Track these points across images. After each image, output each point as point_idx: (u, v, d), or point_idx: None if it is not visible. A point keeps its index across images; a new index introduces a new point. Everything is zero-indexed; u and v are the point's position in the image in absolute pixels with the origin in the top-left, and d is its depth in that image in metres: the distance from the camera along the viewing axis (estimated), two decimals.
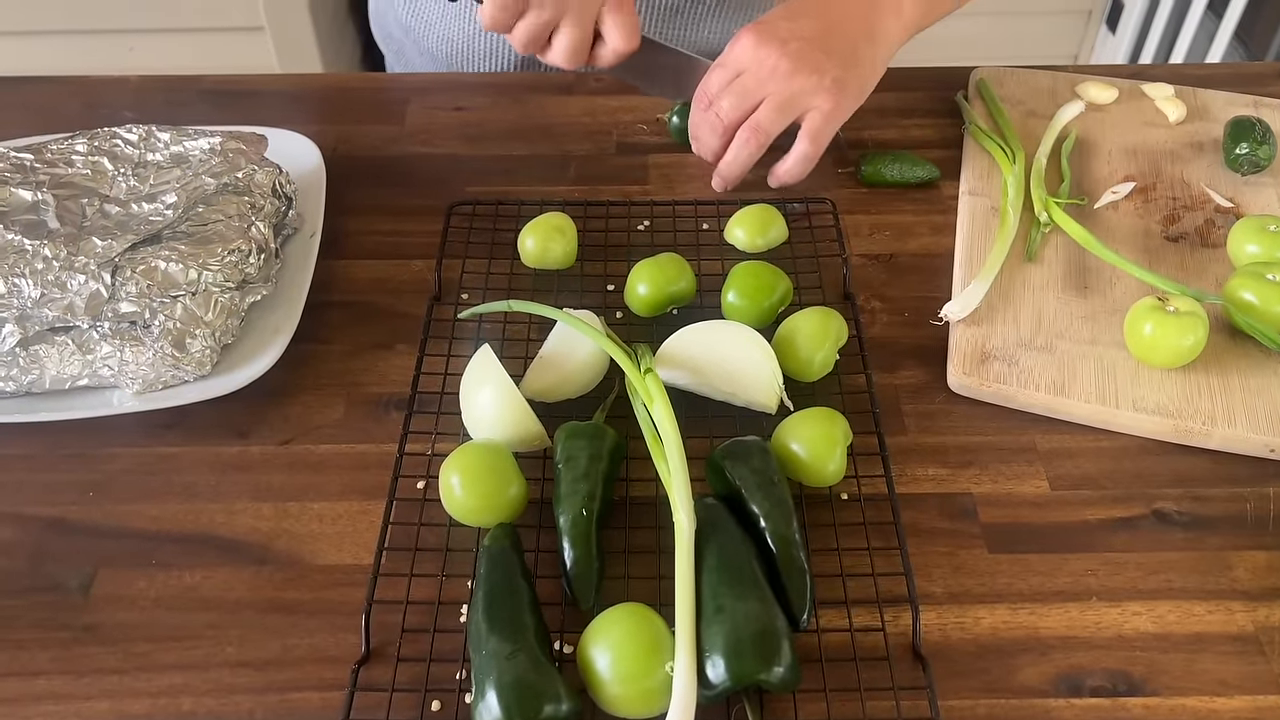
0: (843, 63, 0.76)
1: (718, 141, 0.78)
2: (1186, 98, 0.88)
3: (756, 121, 0.76)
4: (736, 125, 0.77)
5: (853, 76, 0.77)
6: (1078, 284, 0.74)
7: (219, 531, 0.62)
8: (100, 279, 0.65)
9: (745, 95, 0.76)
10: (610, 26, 0.78)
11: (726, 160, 0.79)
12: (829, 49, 0.76)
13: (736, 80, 0.77)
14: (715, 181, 0.81)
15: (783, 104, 0.76)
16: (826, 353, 0.67)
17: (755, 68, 0.76)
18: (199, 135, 0.75)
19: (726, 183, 0.80)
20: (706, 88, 0.78)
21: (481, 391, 0.64)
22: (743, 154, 0.77)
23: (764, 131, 0.76)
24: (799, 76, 0.75)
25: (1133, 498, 0.64)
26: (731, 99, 0.77)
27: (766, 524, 0.57)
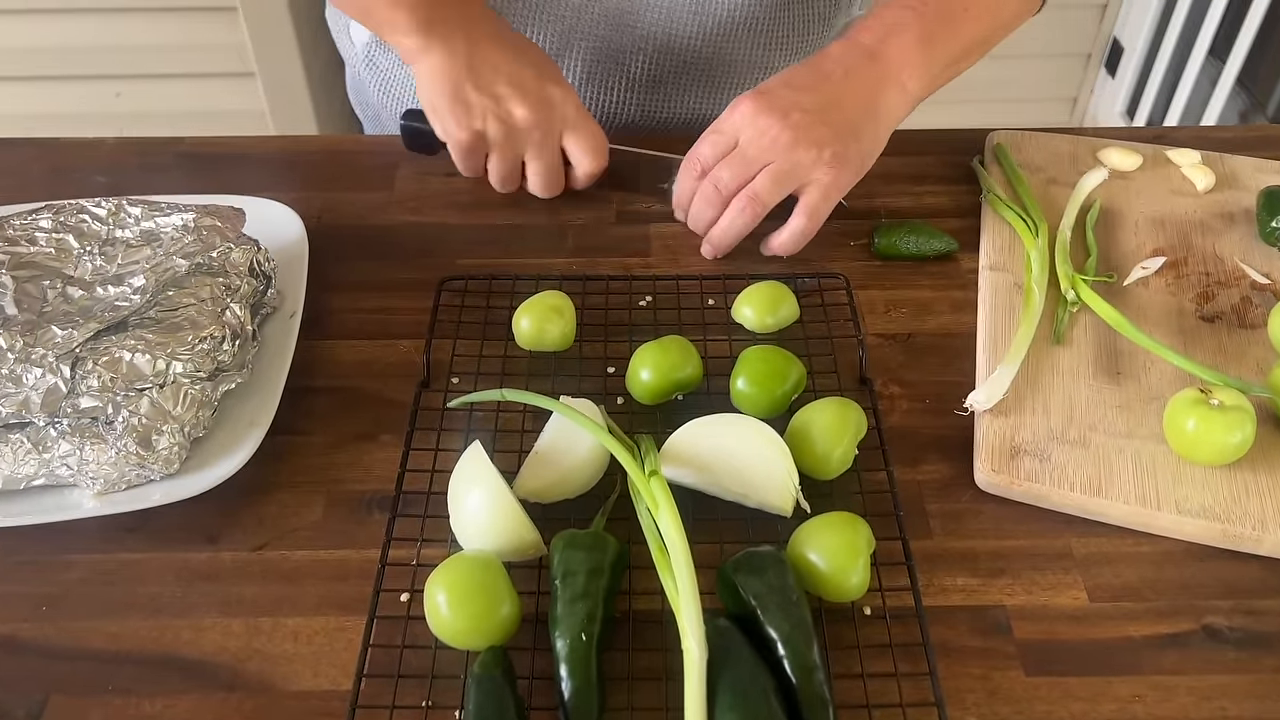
0: (843, 137, 0.74)
1: (713, 212, 0.76)
2: (1214, 164, 0.84)
3: (754, 191, 0.74)
4: (733, 196, 0.75)
5: (853, 151, 0.75)
6: (1109, 369, 0.69)
7: (184, 651, 0.57)
8: (59, 372, 0.60)
9: (745, 165, 0.74)
10: (575, 151, 0.80)
11: (720, 228, 0.77)
12: (830, 122, 0.74)
13: (736, 150, 0.75)
14: (705, 249, 0.79)
15: (782, 176, 0.74)
16: (845, 448, 0.62)
17: (755, 137, 0.74)
18: (172, 210, 0.70)
19: (717, 251, 0.79)
20: (699, 156, 0.76)
21: (471, 494, 0.59)
22: (738, 223, 0.76)
23: (761, 202, 0.74)
24: (799, 149, 0.73)
25: (1180, 611, 0.59)
26: (732, 169, 0.74)
27: (785, 650, 0.52)
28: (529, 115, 0.77)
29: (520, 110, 0.77)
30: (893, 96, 0.76)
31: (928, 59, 0.77)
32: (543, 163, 0.79)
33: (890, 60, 0.76)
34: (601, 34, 0.90)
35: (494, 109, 0.77)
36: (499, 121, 0.77)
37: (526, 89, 0.77)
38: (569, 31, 0.90)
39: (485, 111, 0.77)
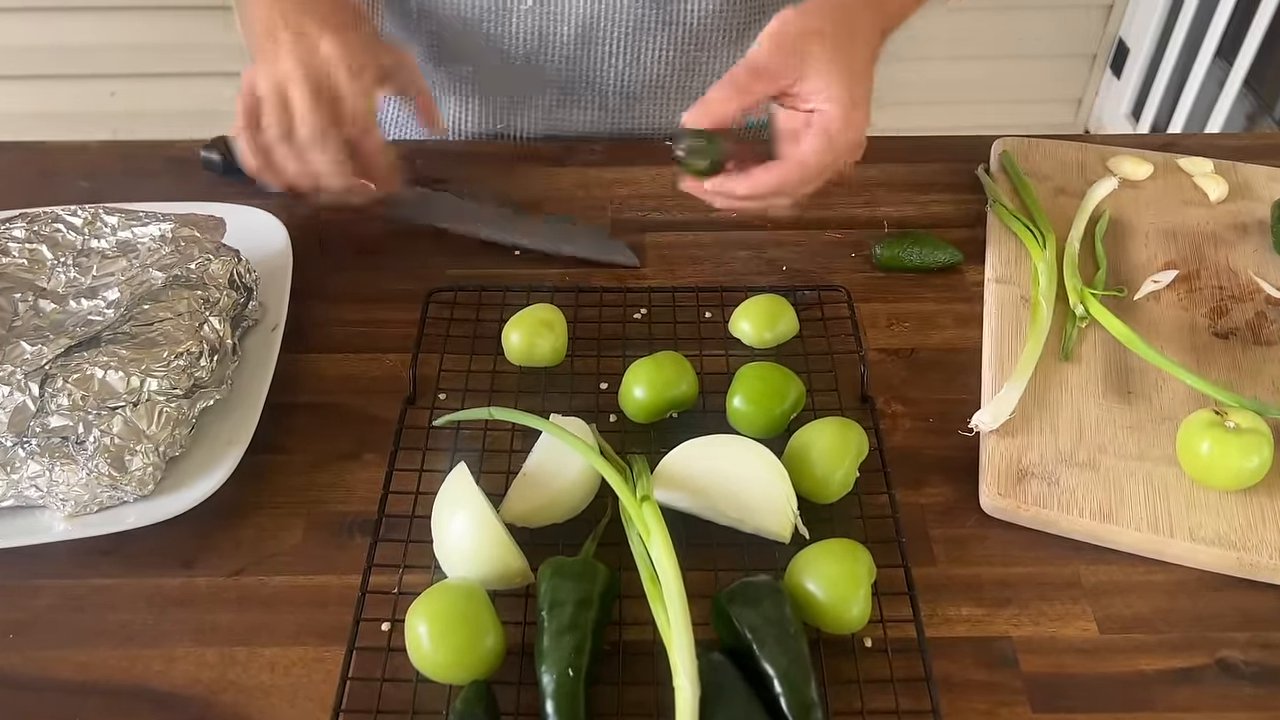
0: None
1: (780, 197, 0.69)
2: (1226, 173, 0.82)
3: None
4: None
5: None
6: (1120, 387, 0.67)
7: (155, 683, 0.55)
8: (27, 390, 0.58)
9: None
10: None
11: (749, 199, 0.68)
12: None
13: (831, 160, 0.67)
14: (720, 200, 0.69)
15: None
16: (846, 471, 0.60)
17: (847, 150, 0.67)
18: (149, 220, 0.68)
19: (733, 206, 0.70)
20: (808, 169, 0.66)
21: (456, 519, 0.56)
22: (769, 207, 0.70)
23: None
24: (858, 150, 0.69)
25: (1193, 644, 0.56)
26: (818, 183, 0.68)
27: (782, 686, 0.50)
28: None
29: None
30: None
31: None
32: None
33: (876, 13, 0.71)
34: (569, 53, 0.88)
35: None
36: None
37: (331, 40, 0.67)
38: (536, 52, 0.88)
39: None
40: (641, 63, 0.88)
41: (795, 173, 0.66)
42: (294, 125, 0.66)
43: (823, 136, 0.66)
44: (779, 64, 0.65)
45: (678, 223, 0.81)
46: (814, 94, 0.65)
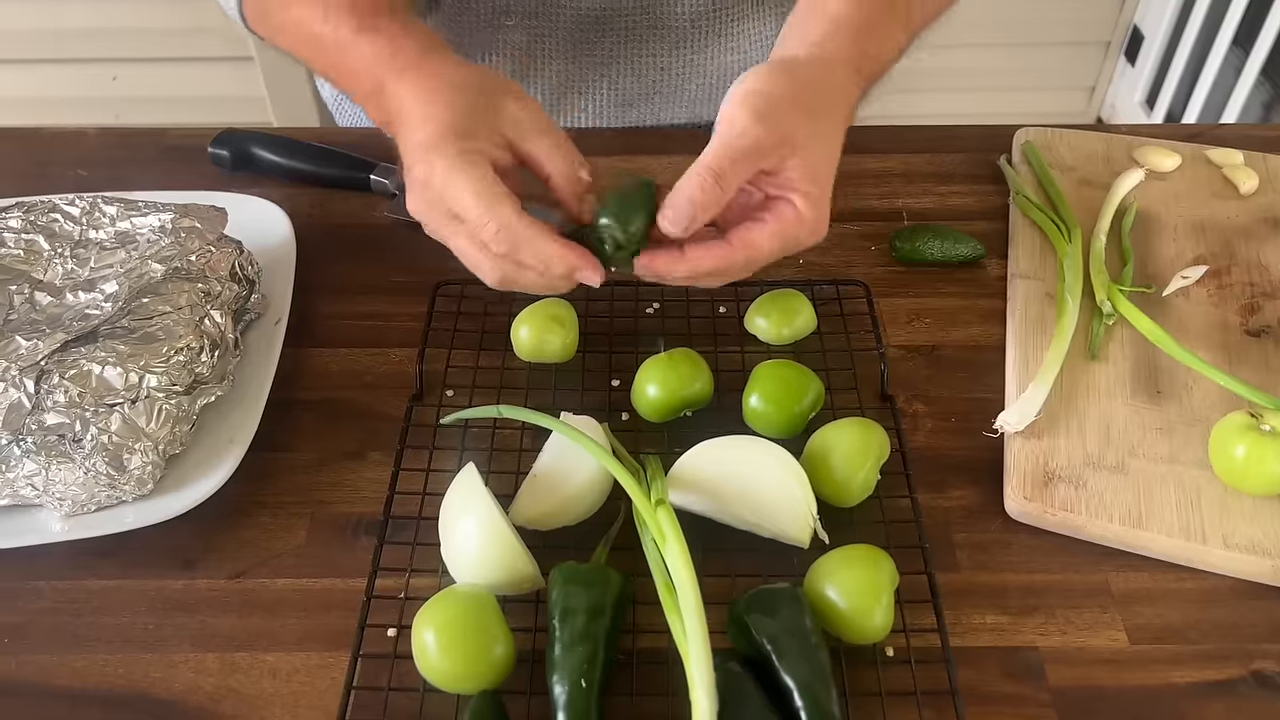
0: None
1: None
2: (1257, 165, 0.79)
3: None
4: None
5: None
6: (1149, 387, 0.65)
7: (154, 690, 0.53)
8: (22, 387, 0.56)
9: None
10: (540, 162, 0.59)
11: (683, 275, 0.58)
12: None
13: (783, 253, 0.58)
14: (648, 267, 0.58)
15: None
16: (867, 474, 0.58)
17: (804, 245, 0.58)
18: (149, 210, 0.66)
19: (657, 275, 0.58)
20: (755, 259, 0.57)
21: (464, 522, 0.54)
22: (706, 281, 0.59)
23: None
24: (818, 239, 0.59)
25: (1227, 655, 0.54)
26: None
27: (803, 700, 0.48)
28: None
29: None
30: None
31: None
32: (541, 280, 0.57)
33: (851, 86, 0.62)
34: (560, 67, 0.86)
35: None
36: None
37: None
38: (528, 64, 0.86)
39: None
40: (635, 68, 0.86)
41: (740, 258, 0.56)
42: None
43: (784, 231, 0.56)
44: (764, 146, 0.55)
45: None
46: (789, 184, 0.56)
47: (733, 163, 0.55)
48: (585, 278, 0.57)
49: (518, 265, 0.56)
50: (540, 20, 0.83)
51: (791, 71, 0.59)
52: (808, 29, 0.63)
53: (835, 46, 0.61)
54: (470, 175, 0.55)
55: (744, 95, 0.57)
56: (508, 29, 0.84)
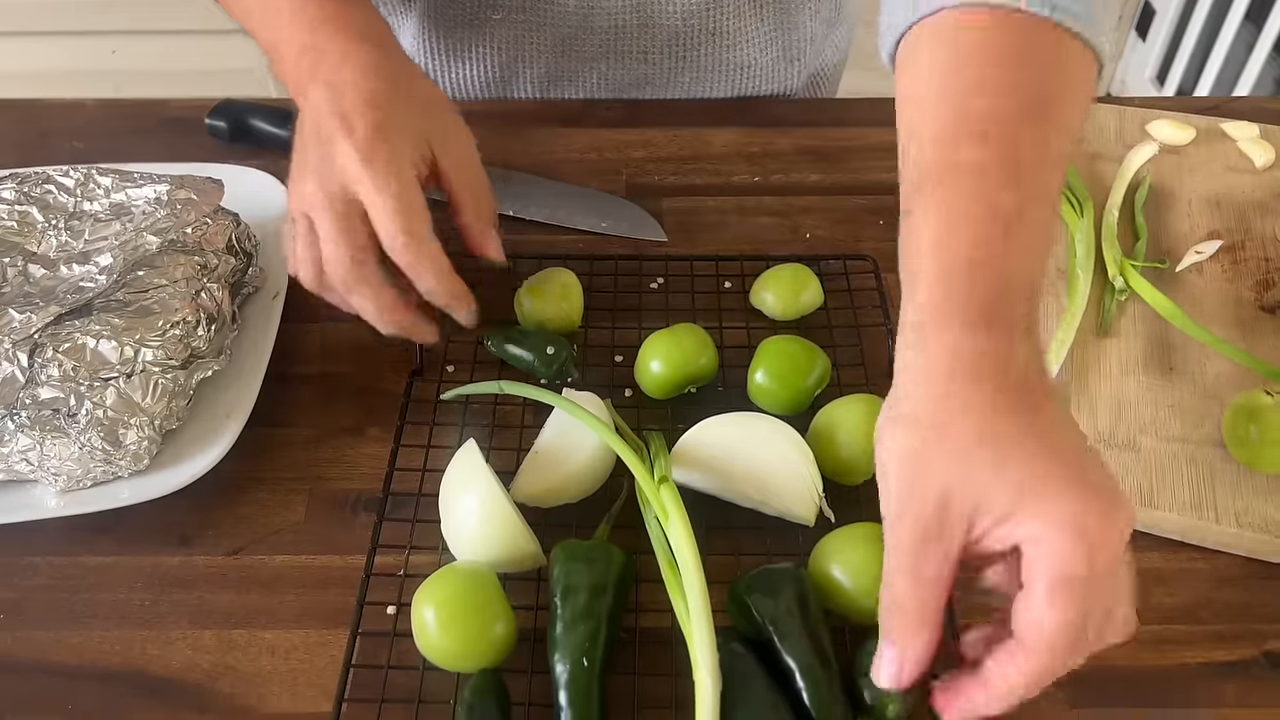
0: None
1: None
2: (1273, 138, 0.78)
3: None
4: None
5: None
6: (1161, 363, 0.63)
7: (151, 667, 0.52)
8: (15, 360, 0.55)
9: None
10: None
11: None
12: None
13: (1086, 614, 0.41)
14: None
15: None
16: (874, 452, 0.57)
17: (1105, 589, 0.42)
18: (144, 182, 0.65)
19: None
20: (1057, 648, 0.41)
21: (465, 499, 0.53)
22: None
23: None
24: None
25: (1239, 636, 0.53)
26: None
27: (804, 682, 0.47)
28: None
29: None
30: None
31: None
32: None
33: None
34: (547, 60, 0.85)
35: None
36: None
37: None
38: (516, 57, 0.85)
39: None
40: (625, 62, 0.85)
41: (1044, 660, 0.41)
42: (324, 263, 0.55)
43: (1061, 587, 0.40)
44: (926, 517, 0.41)
45: (697, 188, 0.77)
46: (1007, 525, 0.41)
47: (915, 558, 0.41)
48: (454, 314, 0.57)
49: (365, 280, 0.54)
50: (527, 15, 0.81)
51: (925, 387, 0.44)
52: (907, 279, 0.47)
53: (946, 303, 0.44)
54: (402, 180, 0.53)
55: (887, 462, 0.44)
56: (494, 23, 0.82)
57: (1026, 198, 0.45)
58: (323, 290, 0.57)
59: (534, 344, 0.63)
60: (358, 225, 0.54)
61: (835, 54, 0.96)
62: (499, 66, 0.87)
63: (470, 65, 0.87)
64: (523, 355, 0.63)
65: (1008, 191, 0.45)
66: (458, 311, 0.57)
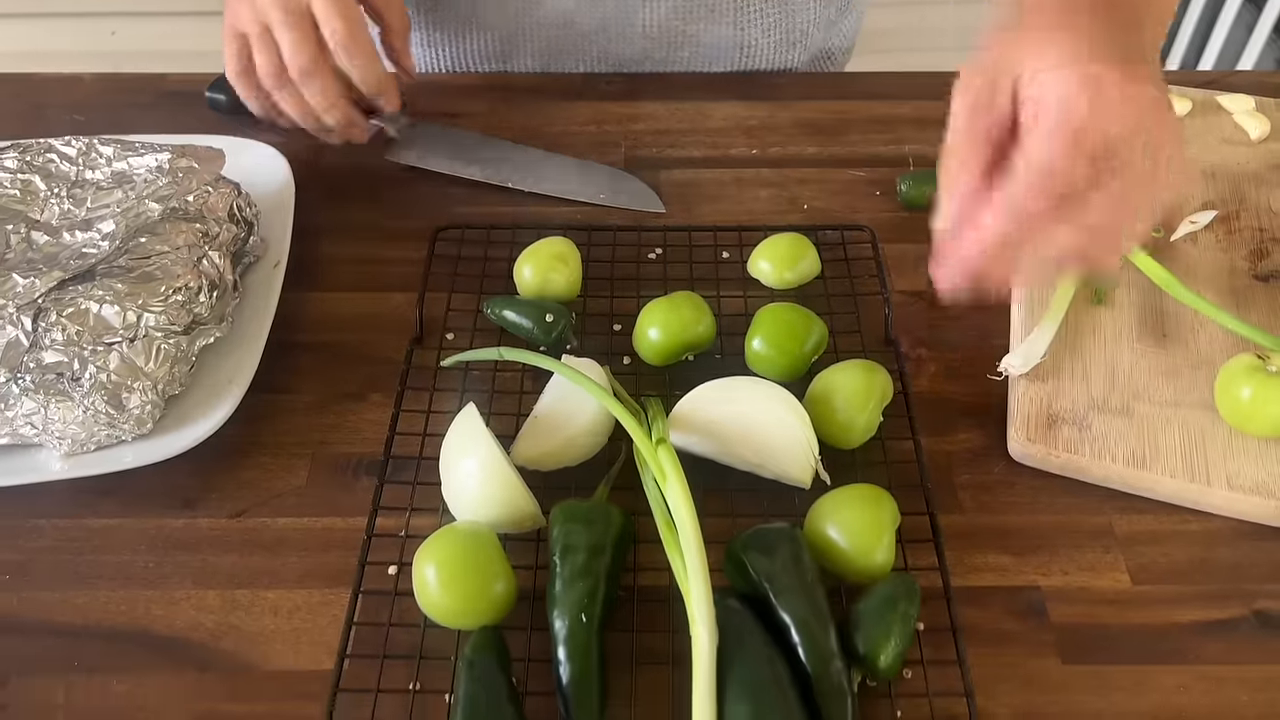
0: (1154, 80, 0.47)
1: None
2: (1269, 111, 0.78)
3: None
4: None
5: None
6: (1155, 331, 0.64)
7: (155, 627, 0.53)
8: (19, 324, 0.56)
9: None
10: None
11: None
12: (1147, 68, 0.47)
13: (1075, 148, 0.45)
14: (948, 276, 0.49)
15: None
16: (870, 415, 0.58)
17: (1103, 128, 0.45)
18: (146, 151, 0.65)
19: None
20: (1013, 203, 0.46)
21: (465, 462, 0.54)
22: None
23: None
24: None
25: (1229, 595, 0.54)
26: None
27: (800, 635, 0.48)
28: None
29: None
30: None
31: None
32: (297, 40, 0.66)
33: None
34: (549, 36, 0.86)
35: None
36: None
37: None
38: (516, 34, 0.86)
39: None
40: (626, 37, 0.85)
41: (1020, 182, 0.45)
42: (283, 63, 0.67)
43: (1050, 114, 0.44)
44: (994, 89, 0.47)
45: (696, 160, 0.78)
46: (1026, 80, 0.46)
47: (962, 127, 0.47)
48: (380, 103, 0.73)
49: (319, 73, 0.67)
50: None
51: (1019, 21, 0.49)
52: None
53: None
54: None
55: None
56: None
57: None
58: (262, 98, 0.70)
59: (533, 312, 0.63)
60: (311, 28, 0.67)
61: (843, 41, 0.96)
62: (500, 41, 0.87)
63: (472, 39, 0.87)
64: (521, 323, 0.64)
65: None
66: (388, 99, 0.73)
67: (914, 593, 0.50)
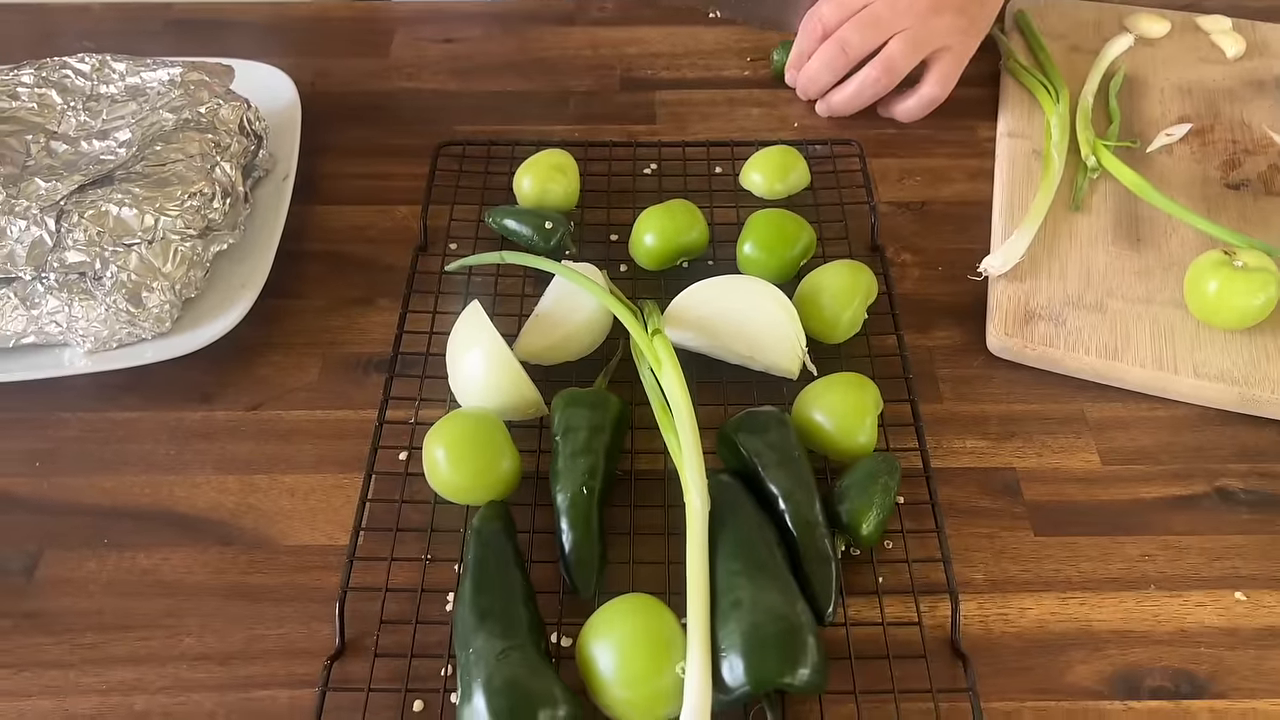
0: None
1: (832, 76, 0.74)
2: (1245, 31, 0.81)
3: (890, 59, 0.72)
4: (859, 59, 0.72)
5: (984, 13, 0.73)
6: (1130, 235, 0.67)
7: (179, 507, 0.56)
8: (43, 224, 0.58)
9: (876, 28, 0.71)
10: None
11: (846, 95, 0.74)
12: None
13: (865, 10, 0.71)
14: (823, 109, 0.77)
15: (919, 41, 0.71)
16: (854, 311, 0.60)
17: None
18: (158, 66, 0.68)
19: (836, 113, 0.76)
20: (822, 16, 0.73)
21: (470, 354, 0.57)
22: (867, 92, 0.73)
23: (896, 71, 0.72)
24: (938, 15, 0.71)
25: (1193, 474, 0.57)
26: (860, 31, 0.71)
27: (787, 505, 0.51)
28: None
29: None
30: None
31: None
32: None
33: None
34: None
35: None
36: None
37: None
38: None
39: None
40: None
41: (806, 29, 0.71)
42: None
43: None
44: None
45: (689, 80, 0.80)
46: None
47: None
48: None
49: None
50: None
51: None
52: None
53: None
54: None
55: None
56: None
57: None
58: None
59: (532, 220, 0.66)
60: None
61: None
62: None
63: None
64: (521, 230, 0.66)
65: None
66: None
67: (894, 468, 0.53)
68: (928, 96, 0.74)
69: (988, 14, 0.74)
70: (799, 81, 0.76)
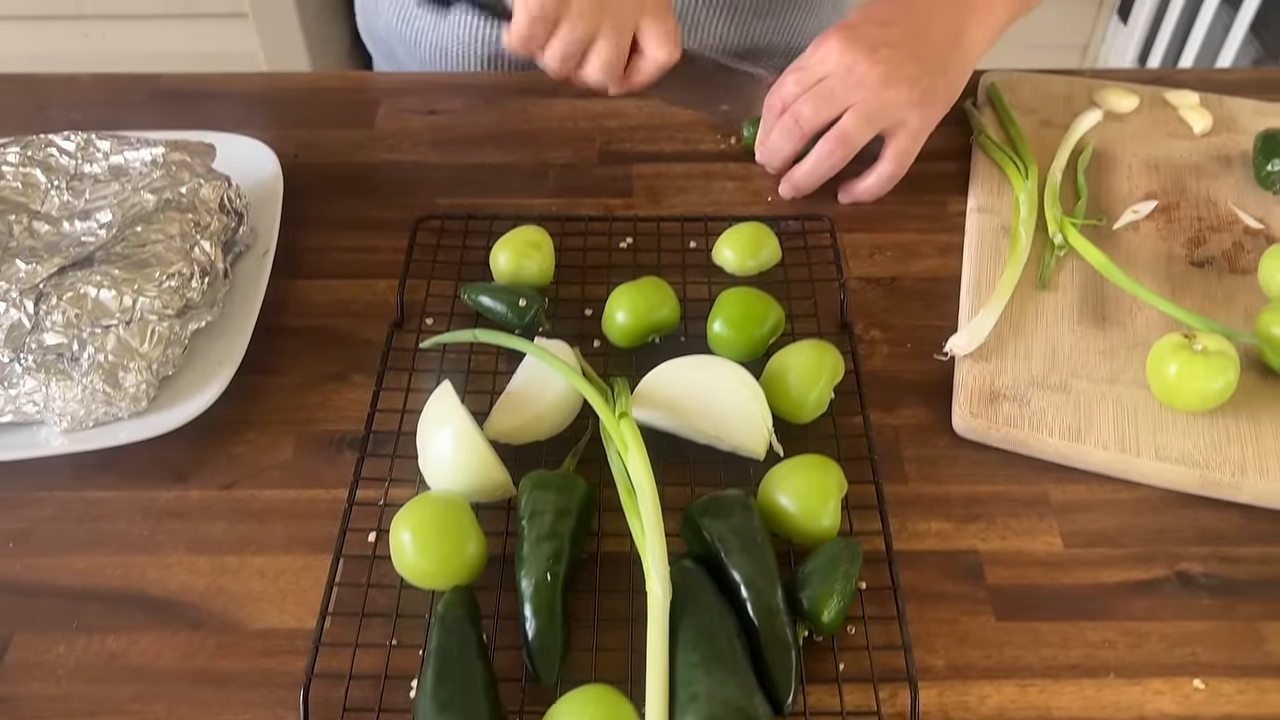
0: (931, 72, 0.73)
1: (791, 146, 0.75)
2: (1213, 106, 0.82)
3: (843, 132, 0.73)
4: (814, 132, 0.74)
5: (941, 87, 0.74)
6: (1095, 314, 0.68)
7: (150, 589, 0.57)
8: (22, 307, 0.59)
9: (829, 101, 0.72)
10: (649, 36, 0.74)
11: (805, 170, 0.75)
12: (918, 56, 0.73)
13: (820, 84, 0.73)
14: (785, 189, 0.77)
15: (871, 115, 0.72)
16: (821, 392, 0.61)
17: (842, 74, 0.72)
18: (141, 145, 0.69)
19: (798, 191, 0.77)
20: (781, 93, 0.75)
21: (440, 434, 0.58)
22: (824, 165, 0.74)
23: (851, 143, 0.73)
24: (890, 88, 0.71)
25: (1154, 557, 0.58)
26: (814, 105, 0.73)
27: (749, 592, 0.52)
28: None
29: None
30: (978, 28, 0.76)
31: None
32: (614, 43, 0.73)
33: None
34: None
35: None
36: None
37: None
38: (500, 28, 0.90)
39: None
40: None
41: (769, 108, 0.74)
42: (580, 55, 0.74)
43: (795, 69, 0.73)
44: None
45: (665, 154, 0.82)
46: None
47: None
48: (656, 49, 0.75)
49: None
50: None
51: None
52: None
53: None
54: None
55: None
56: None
57: None
58: (560, 27, 0.73)
59: (507, 297, 0.67)
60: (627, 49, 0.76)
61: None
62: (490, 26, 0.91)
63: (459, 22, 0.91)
64: (496, 307, 0.67)
65: None
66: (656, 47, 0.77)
67: (856, 554, 0.54)
68: (885, 174, 0.75)
69: (946, 87, 0.75)
70: (763, 155, 0.78)
